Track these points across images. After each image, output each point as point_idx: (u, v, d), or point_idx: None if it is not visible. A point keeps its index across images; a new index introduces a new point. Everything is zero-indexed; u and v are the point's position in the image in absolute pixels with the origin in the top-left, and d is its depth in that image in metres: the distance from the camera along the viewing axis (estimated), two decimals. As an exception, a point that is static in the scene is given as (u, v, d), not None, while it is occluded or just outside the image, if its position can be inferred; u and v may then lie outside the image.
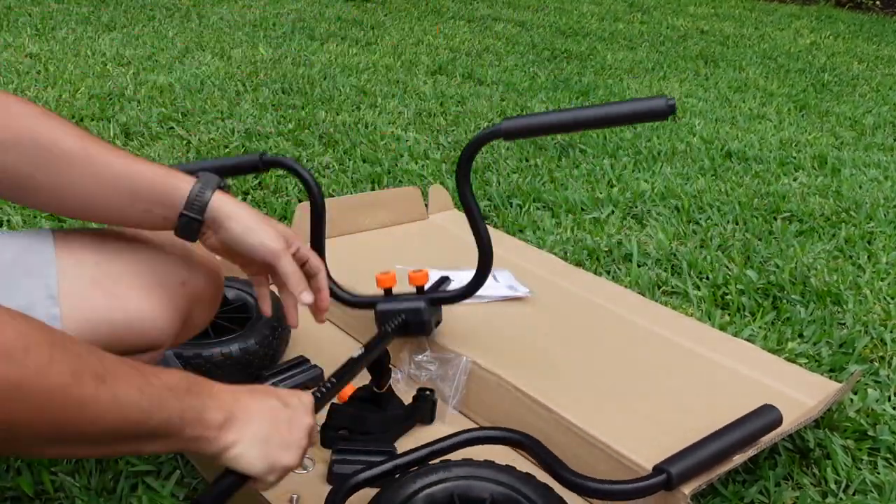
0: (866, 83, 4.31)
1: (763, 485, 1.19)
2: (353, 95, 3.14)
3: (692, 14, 6.33)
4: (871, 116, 3.57)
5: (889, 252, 2.05)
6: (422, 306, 1.23)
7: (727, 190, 2.43)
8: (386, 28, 4.63)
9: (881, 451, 1.29)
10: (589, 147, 2.75)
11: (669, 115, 1.00)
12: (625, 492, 0.96)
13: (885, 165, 2.82)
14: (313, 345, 1.42)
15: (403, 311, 1.23)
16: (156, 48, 3.59)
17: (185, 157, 2.30)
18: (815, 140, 3.10)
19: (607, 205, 2.23)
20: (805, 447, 1.28)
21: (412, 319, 1.23)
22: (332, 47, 3.96)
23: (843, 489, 1.20)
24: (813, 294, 1.78)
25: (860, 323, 1.67)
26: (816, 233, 2.16)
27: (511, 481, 0.97)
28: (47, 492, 1.07)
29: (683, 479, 0.97)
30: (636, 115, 1.03)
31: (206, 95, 2.92)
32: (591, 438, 1.09)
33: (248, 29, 4.22)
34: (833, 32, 6.01)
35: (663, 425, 1.13)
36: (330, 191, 2.16)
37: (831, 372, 1.49)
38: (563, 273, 1.62)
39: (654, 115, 1.01)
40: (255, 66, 3.44)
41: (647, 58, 4.49)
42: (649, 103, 1.01)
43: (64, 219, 1.78)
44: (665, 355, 1.34)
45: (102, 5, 4.47)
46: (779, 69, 4.49)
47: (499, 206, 2.17)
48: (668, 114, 1.00)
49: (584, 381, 1.23)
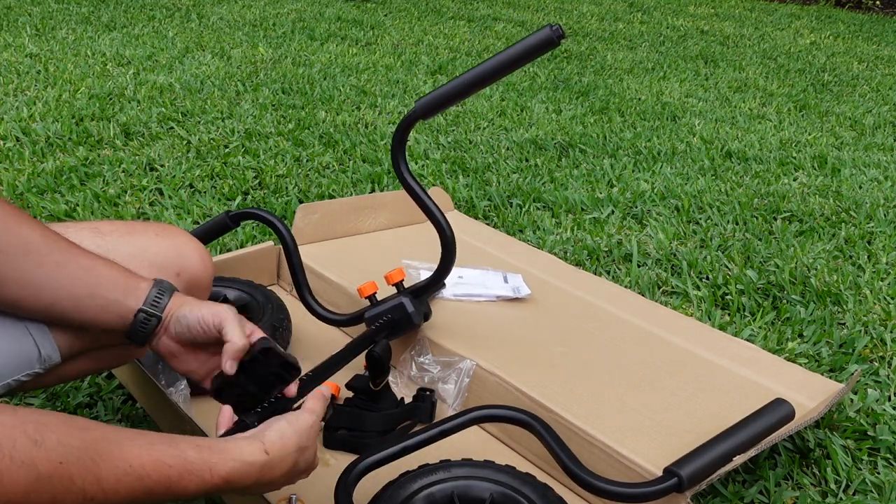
0: (866, 83, 4.31)
1: (763, 485, 1.19)
2: (353, 95, 3.14)
3: (692, 14, 6.33)
4: (871, 116, 3.57)
5: (889, 252, 2.05)
6: (403, 300, 1.25)
7: (727, 190, 2.43)
8: (386, 28, 4.63)
9: (881, 451, 1.29)
10: (589, 147, 2.75)
11: (559, 41, 1.05)
12: (637, 495, 0.95)
13: (884, 165, 2.82)
14: (313, 345, 1.42)
15: (388, 311, 1.25)
16: (156, 48, 3.59)
17: (184, 156, 2.30)
18: (815, 140, 3.10)
19: (607, 205, 2.23)
20: (805, 447, 1.28)
21: (397, 315, 1.25)
22: (332, 47, 3.96)
23: (842, 489, 1.20)
24: (813, 294, 1.78)
25: (860, 323, 1.67)
26: (816, 233, 2.16)
27: (511, 481, 0.97)
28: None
29: (694, 482, 0.96)
30: (529, 50, 1.07)
31: (206, 95, 2.92)
32: (592, 439, 1.09)
33: (248, 29, 4.21)
34: (833, 32, 6.01)
35: (663, 426, 1.13)
36: (330, 191, 2.16)
37: (831, 372, 1.49)
38: (563, 273, 1.62)
39: (546, 45, 1.06)
40: (255, 66, 3.44)
41: (647, 58, 4.49)
42: (538, 36, 1.06)
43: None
44: (665, 356, 1.34)
45: (102, 5, 4.47)
46: (779, 69, 4.49)
47: (499, 206, 2.17)
48: (557, 41, 1.04)
49: (583, 381, 1.23)
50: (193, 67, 3.30)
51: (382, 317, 1.25)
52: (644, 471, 1.03)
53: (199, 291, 1.02)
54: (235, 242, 1.81)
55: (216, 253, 1.72)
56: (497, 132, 2.86)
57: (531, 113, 3.14)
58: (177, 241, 1.00)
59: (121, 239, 0.96)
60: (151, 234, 0.99)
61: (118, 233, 0.96)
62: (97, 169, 2.16)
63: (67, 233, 0.92)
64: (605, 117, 3.19)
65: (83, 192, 1.98)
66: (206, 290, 1.04)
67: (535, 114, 3.13)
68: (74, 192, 1.99)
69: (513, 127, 2.94)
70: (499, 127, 2.93)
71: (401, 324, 1.26)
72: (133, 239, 0.97)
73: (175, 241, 1.00)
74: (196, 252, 1.01)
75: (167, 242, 0.99)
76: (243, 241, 1.81)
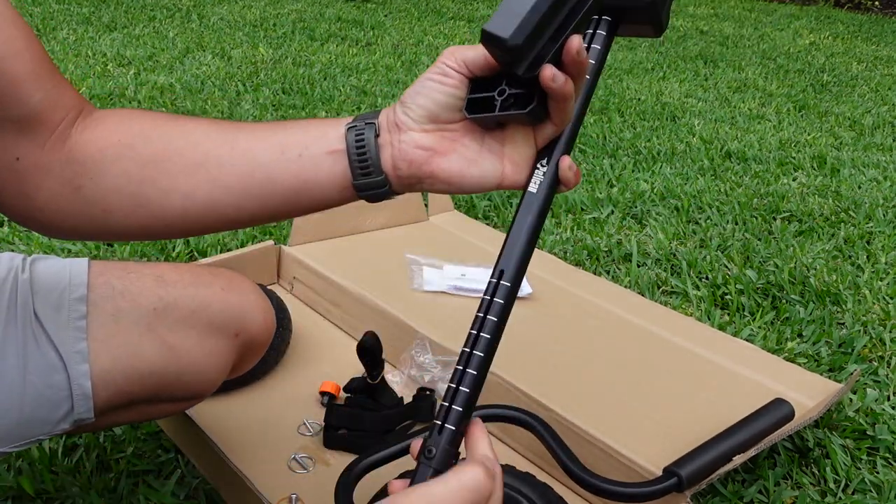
0: (865, 83, 4.32)
1: (762, 484, 1.19)
2: (354, 95, 3.14)
3: (692, 14, 6.33)
4: (871, 117, 3.57)
5: (888, 252, 2.05)
6: None
7: (727, 190, 2.44)
8: (386, 28, 4.64)
9: (880, 450, 1.29)
10: (589, 147, 2.75)
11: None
12: (637, 495, 0.95)
13: (884, 165, 2.82)
14: (314, 345, 1.42)
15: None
16: (156, 48, 3.59)
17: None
18: (814, 140, 3.10)
19: (607, 205, 2.23)
20: (804, 447, 1.28)
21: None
22: (333, 47, 3.97)
23: (842, 488, 1.21)
24: (812, 294, 1.78)
25: (859, 323, 1.67)
26: (816, 233, 2.16)
27: (511, 481, 0.97)
28: (48, 491, 1.07)
29: (693, 482, 0.97)
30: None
31: (206, 95, 2.92)
32: (592, 439, 1.09)
33: (248, 29, 4.22)
34: (832, 33, 6.01)
35: (663, 426, 1.14)
36: (330, 191, 2.16)
37: (830, 372, 1.50)
38: (562, 273, 1.63)
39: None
40: (255, 66, 3.44)
41: (647, 58, 4.49)
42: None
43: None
44: (664, 355, 1.34)
45: (103, 6, 4.47)
46: (778, 69, 4.50)
47: (499, 206, 2.17)
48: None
49: (583, 381, 1.24)
50: (194, 68, 3.30)
51: None
52: (644, 470, 1.03)
53: (253, 353, 0.96)
54: (235, 242, 1.81)
55: (216, 252, 1.72)
56: (497, 132, 2.86)
57: (531, 113, 3.15)
58: (243, 300, 0.92)
59: (184, 291, 0.87)
60: (217, 288, 0.91)
61: (182, 283, 0.88)
62: (97, 169, 2.16)
63: (128, 278, 0.85)
64: (604, 117, 3.19)
65: (83, 192, 1.98)
66: (259, 353, 0.98)
67: (534, 114, 3.14)
68: (75, 192, 1.99)
69: (513, 127, 2.94)
70: (499, 127, 2.93)
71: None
72: (197, 292, 0.88)
73: (241, 299, 0.92)
74: (259, 313, 0.94)
75: (234, 300, 0.91)
76: (243, 241, 1.81)
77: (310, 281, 1.53)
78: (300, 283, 1.56)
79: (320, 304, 1.52)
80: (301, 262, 1.54)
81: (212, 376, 0.89)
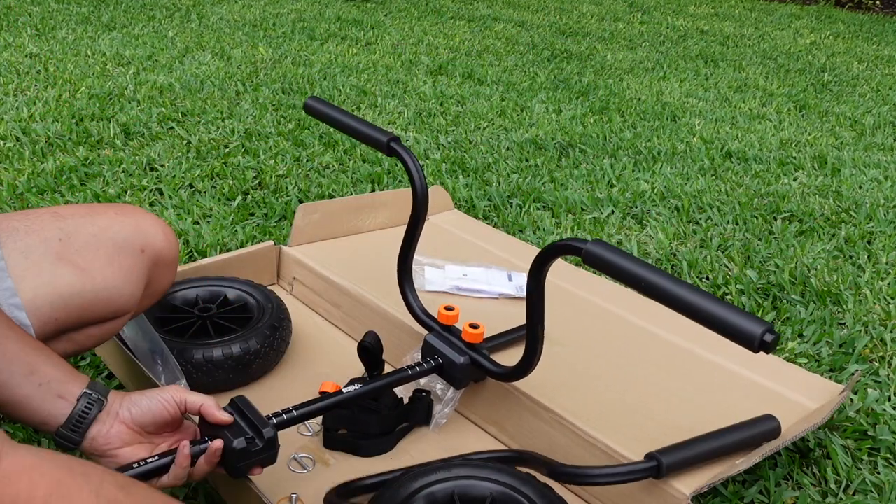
0: (866, 83, 4.31)
1: (763, 485, 1.19)
2: (354, 95, 3.14)
3: (692, 14, 6.33)
4: (871, 116, 3.57)
5: (889, 252, 2.05)
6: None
7: (727, 190, 2.43)
8: (386, 28, 4.63)
9: (881, 451, 1.29)
10: (589, 147, 2.75)
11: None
12: (614, 474, 0.99)
13: (884, 165, 2.82)
14: (313, 345, 1.42)
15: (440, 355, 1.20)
16: (156, 48, 3.59)
17: (185, 156, 2.30)
18: (814, 140, 3.10)
19: (607, 205, 2.23)
20: (805, 447, 1.28)
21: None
22: (332, 47, 3.96)
23: (842, 489, 1.21)
24: (813, 294, 1.78)
25: (860, 323, 1.67)
26: (816, 233, 2.16)
27: (511, 481, 0.97)
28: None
29: (673, 469, 1.00)
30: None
31: (206, 95, 2.92)
32: (592, 439, 1.09)
33: (248, 29, 4.21)
34: (833, 32, 6.01)
35: (663, 427, 1.13)
36: (330, 191, 2.16)
37: (831, 372, 1.49)
38: (563, 273, 1.62)
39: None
40: (255, 65, 3.44)
41: (647, 58, 4.49)
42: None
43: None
44: (665, 356, 1.34)
45: (102, 5, 4.47)
46: (779, 69, 4.49)
47: (499, 206, 2.17)
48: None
49: (583, 381, 1.24)
50: (193, 67, 3.30)
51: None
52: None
53: (164, 268, 1.02)
54: (235, 242, 1.81)
55: (216, 252, 1.72)
56: (497, 132, 2.86)
57: (531, 113, 3.14)
58: (139, 219, 1.00)
59: (82, 220, 0.96)
60: (112, 213, 0.99)
61: (79, 214, 0.96)
62: (97, 169, 2.16)
63: (28, 219, 0.92)
64: (605, 117, 3.19)
65: (83, 192, 1.98)
66: (171, 266, 1.04)
67: (535, 114, 3.13)
68: (74, 192, 1.99)
69: (513, 127, 2.94)
70: (499, 127, 2.93)
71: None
72: (94, 219, 0.97)
73: (137, 219, 1.00)
74: (159, 228, 1.01)
75: (129, 220, 0.99)
76: (243, 241, 1.81)
77: (310, 281, 1.53)
78: (300, 283, 1.55)
79: (320, 304, 1.51)
80: (301, 263, 1.54)
81: (128, 291, 0.95)
